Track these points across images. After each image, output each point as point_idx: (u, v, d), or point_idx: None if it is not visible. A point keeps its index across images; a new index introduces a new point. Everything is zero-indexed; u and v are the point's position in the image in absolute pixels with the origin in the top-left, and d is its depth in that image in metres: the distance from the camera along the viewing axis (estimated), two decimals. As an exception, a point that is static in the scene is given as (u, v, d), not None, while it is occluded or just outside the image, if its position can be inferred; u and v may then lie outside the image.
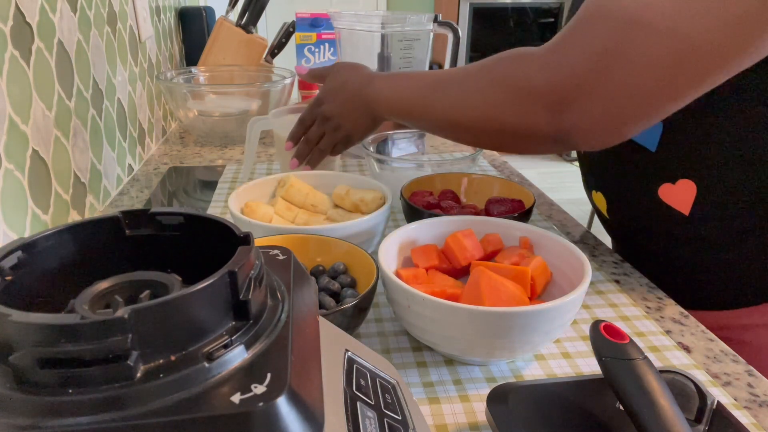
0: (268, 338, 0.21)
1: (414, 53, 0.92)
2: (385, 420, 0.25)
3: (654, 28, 0.41)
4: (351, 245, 0.52)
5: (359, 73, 0.68)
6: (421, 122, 0.61)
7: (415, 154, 0.90)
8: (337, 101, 0.69)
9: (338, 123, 0.69)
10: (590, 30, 0.45)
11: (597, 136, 0.47)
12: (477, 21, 3.46)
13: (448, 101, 0.56)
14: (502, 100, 0.51)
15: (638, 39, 0.42)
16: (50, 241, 0.23)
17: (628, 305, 0.55)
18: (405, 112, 0.62)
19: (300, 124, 0.74)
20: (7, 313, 0.17)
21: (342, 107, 0.68)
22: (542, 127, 0.49)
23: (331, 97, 0.69)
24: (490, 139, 0.55)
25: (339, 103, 0.69)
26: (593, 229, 2.22)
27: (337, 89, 0.69)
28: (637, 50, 0.42)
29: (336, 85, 0.70)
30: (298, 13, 1.23)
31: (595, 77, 0.45)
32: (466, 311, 0.40)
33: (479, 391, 0.43)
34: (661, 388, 0.32)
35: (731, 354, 0.48)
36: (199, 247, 0.25)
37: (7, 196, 0.54)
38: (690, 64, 0.41)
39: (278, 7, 3.39)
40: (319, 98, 0.71)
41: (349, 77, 0.69)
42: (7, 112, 0.54)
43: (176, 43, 1.34)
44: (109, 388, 0.17)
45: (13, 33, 0.55)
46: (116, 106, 0.87)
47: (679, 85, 0.43)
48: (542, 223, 0.74)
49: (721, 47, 0.40)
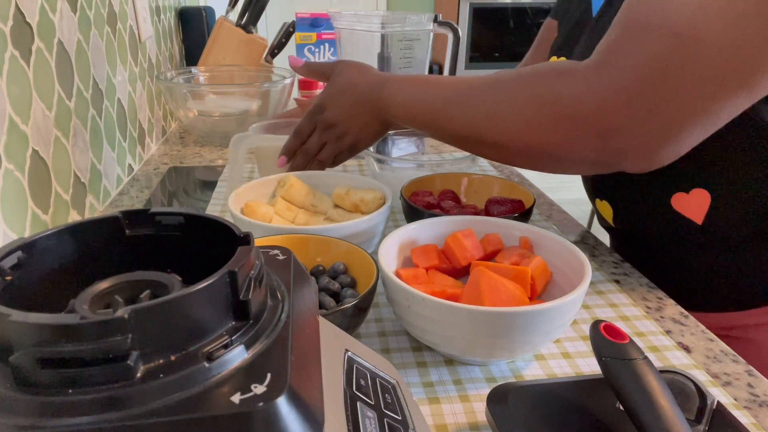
0: (268, 338, 0.21)
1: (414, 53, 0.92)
2: (385, 420, 0.25)
3: (709, 41, 0.40)
4: (351, 245, 0.52)
5: (367, 75, 0.63)
6: (438, 133, 0.57)
7: (415, 154, 0.90)
8: (341, 106, 0.63)
9: (343, 130, 0.64)
10: (640, 44, 0.42)
11: (649, 158, 0.45)
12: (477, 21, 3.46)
13: (475, 115, 0.51)
14: (542, 121, 0.47)
15: (694, 53, 0.40)
16: (50, 241, 0.23)
17: (628, 305, 0.55)
18: (422, 121, 0.57)
19: (296, 135, 0.67)
20: (7, 313, 0.17)
21: (348, 113, 0.63)
22: (588, 152, 0.46)
23: (335, 102, 0.63)
24: (522, 159, 0.51)
25: (344, 108, 0.63)
26: (593, 229, 2.22)
27: (341, 93, 0.63)
28: (693, 65, 0.40)
29: (340, 89, 0.63)
30: (298, 13, 1.23)
31: (648, 96, 0.42)
32: (466, 311, 0.40)
33: (479, 391, 0.43)
34: (661, 388, 0.32)
35: (731, 354, 0.48)
36: (199, 247, 0.25)
37: (7, 196, 0.54)
38: (746, 76, 0.40)
39: (278, 7, 3.39)
40: (320, 104, 0.65)
41: (355, 79, 0.63)
42: (7, 112, 0.54)
43: (176, 43, 1.34)
44: (109, 388, 0.17)
45: (13, 33, 0.55)
46: (116, 106, 0.87)
47: (736, 97, 0.41)
48: (542, 223, 0.74)
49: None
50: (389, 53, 0.89)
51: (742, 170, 0.52)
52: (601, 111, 0.44)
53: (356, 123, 0.63)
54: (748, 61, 0.40)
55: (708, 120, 0.43)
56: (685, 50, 0.40)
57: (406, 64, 0.92)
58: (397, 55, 0.90)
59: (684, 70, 0.41)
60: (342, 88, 0.63)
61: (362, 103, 0.62)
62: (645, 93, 0.42)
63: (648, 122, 0.43)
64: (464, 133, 0.53)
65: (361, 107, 0.62)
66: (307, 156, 0.67)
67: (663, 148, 0.44)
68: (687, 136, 0.44)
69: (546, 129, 0.47)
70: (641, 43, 0.42)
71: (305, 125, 0.66)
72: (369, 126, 0.63)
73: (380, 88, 0.61)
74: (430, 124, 0.57)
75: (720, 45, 0.40)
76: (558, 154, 0.48)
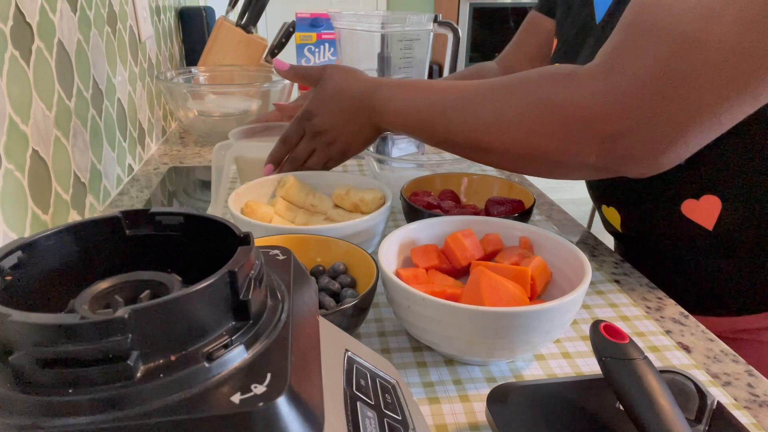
0: (268, 338, 0.21)
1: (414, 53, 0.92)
2: (385, 420, 0.25)
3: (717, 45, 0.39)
4: (351, 245, 0.52)
5: (357, 79, 0.61)
6: (435, 140, 0.55)
7: (415, 154, 0.90)
8: (331, 112, 0.61)
9: (333, 137, 0.62)
10: (646, 48, 0.42)
11: (652, 162, 0.44)
12: (477, 21, 3.46)
13: (475, 121, 0.50)
14: (545, 127, 0.46)
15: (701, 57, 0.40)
16: (50, 241, 0.23)
17: (628, 305, 0.55)
18: (418, 128, 0.56)
19: (284, 142, 0.65)
20: (7, 313, 0.17)
21: (338, 118, 0.61)
22: (591, 157, 0.45)
23: (324, 108, 0.61)
24: (523, 165, 0.50)
25: (334, 114, 0.61)
26: (593, 229, 2.22)
27: (330, 98, 0.61)
28: (700, 69, 0.40)
29: (329, 94, 0.61)
30: (298, 13, 1.23)
31: (653, 101, 0.42)
32: (466, 311, 0.40)
33: (479, 391, 0.43)
34: (661, 388, 0.32)
35: (731, 354, 0.48)
36: (199, 247, 0.25)
37: (7, 196, 0.54)
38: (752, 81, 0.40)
39: (278, 7, 3.39)
40: (308, 110, 0.62)
41: (344, 84, 0.61)
42: (7, 112, 0.54)
43: (176, 43, 1.34)
44: (109, 388, 0.17)
45: (13, 33, 0.55)
46: (116, 106, 0.87)
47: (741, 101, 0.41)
48: (542, 223, 0.74)
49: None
50: (389, 53, 0.89)
51: (753, 175, 0.52)
52: (605, 116, 0.43)
53: (347, 129, 0.61)
54: (754, 66, 0.39)
55: (712, 124, 0.43)
56: (692, 54, 0.40)
57: (406, 64, 0.92)
58: (397, 55, 0.90)
59: (690, 74, 0.41)
60: (331, 93, 0.61)
61: (353, 109, 0.60)
62: (650, 97, 0.42)
63: (653, 127, 0.43)
64: (463, 140, 0.52)
65: (352, 114, 0.60)
66: (295, 163, 0.66)
67: (667, 153, 0.44)
68: (691, 140, 0.44)
69: (548, 134, 0.46)
70: (647, 46, 0.42)
71: (293, 132, 0.64)
72: (360, 132, 0.61)
73: (372, 94, 0.59)
74: (427, 131, 0.55)
75: (727, 49, 0.39)
76: (560, 160, 0.47)
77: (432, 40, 0.94)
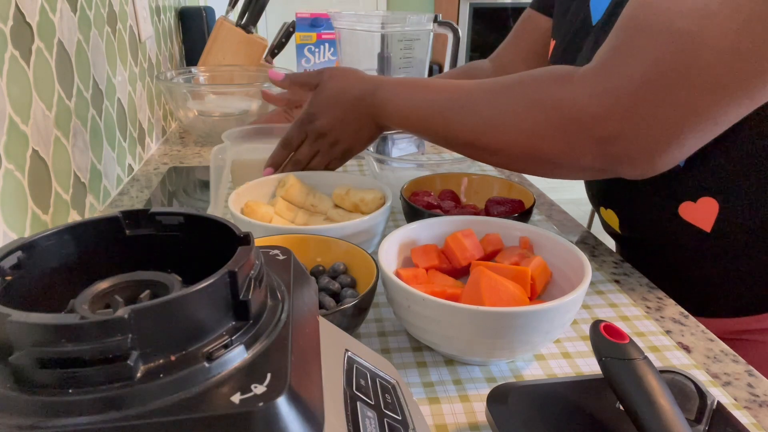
0: (268, 338, 0.21)
1: (414, 53, 0.92)
2: (385, 420, 0.25)
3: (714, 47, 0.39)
4: (351, 245, 0.52)
5: (358, 79, 0.61)
6: (435, 137, 0.56)
7: (415, 154, 0.90)
8: (333, 113, 0.61)
9: (336, 138, 0.62)
10: (643, 49, 0.42)
11: (649, 163, 0.44)
12: (477, 21, 3.46)
13: (474, 121, 0.51)
14: (542, 127, 0.46)
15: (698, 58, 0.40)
16: (50, 241, 0.23)
17: (628, 305, 0.55)
18: (419, 126, 0.56)
19: (284, 145, 0.65)
20: (6, 313, 0.17)
21: (340, 119, 0.61)
22: (588, 158, 0.46)
23: (326, 110, 0.61)
24: (521, 165, 0.51)
25: (336, 115, 0.61)
26: (593, 229, 2.22)
27: (331, 100, 0.61)
28: (697, 70, 0.40)
29: (330, 95, 0.61)
30: (298, 13, 1.23)
31: (651, 102, 0.42)
32: (466, 311, 0.40)
33: (479, 391, 0.43)
34: (661, 388, 0.32)
35: (731, 354, 0.48)
36: (199, 247, 0.25)
37: (7, 196, 0.54)
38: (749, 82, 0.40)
39: (278, 7, 3.39)
40: (310, 113, 0.62)
41: (345, 85, 0.61)
42: (7, 112, 0.54)
43: (176, 43, 1.34)
44: (109, 388, 0.17)
45: (13, 33, 0.55)
46: (116, 106, 0.87)
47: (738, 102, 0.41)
48: (542, 223, 0.74)
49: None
50: (389, 53, 0.89)
51: (750, 177, 0.52)
52: (602, 117, 0.43)
53: (349, 129, 0.62)
54: (751, 67, 0.39)
55: (708, 126, 0.43)
56: (689, 55, 0.40)
57: (406, 64, 0.92)
58: (397, 55, 0.90)
59: (688, 75, 0.41)
60: (332, 94, 0.61)
61: (355, 108, 0.60)
62: (648, 98, 0.42)
63: (650, 128, 0.43)
64: (462, 139, 0.53)
65: (354, 113, 0.61)
66: (297, 166, 0.66)
67: (664, 154, 0.44)
68: (688, 141, 0.44)
69: (546, 135, 0.46)
70: (645, 47, 0.42)
71: (294, 135, 0.64)
72: (362, 131, 0.62)
73: (373, 93, 0.59)
74: (428, 129, 0.56)
75: (723, 50, 0.39)
76: (558, 161, 0.47)
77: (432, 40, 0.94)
